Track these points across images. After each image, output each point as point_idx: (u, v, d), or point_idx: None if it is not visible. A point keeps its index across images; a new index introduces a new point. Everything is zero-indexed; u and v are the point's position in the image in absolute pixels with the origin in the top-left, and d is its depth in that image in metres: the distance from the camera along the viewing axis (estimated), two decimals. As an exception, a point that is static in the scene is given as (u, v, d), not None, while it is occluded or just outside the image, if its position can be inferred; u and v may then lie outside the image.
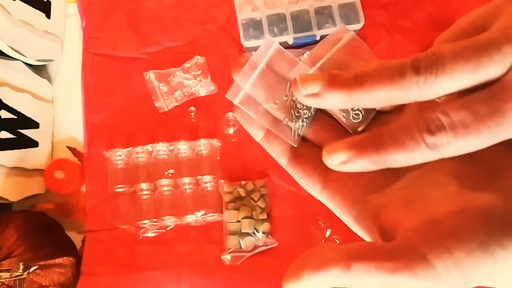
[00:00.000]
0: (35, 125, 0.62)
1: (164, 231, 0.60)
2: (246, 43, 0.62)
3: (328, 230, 0.59)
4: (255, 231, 0.58)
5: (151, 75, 0.64)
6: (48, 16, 0.65)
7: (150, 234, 0.60)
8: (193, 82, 0.64)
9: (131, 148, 0.61)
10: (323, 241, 0.58)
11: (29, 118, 0.61)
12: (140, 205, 0.60)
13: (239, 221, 0.58)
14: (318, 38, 0.62)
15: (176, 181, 0.61)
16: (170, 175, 0.61)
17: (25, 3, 0.61)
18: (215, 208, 0.60)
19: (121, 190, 0.61)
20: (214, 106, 0.64)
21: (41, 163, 0.62)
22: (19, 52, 0.59)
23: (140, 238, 0.60)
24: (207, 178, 0.61)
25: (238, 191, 0.59)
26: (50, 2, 0.66)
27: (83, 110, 0.65)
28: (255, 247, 0.58)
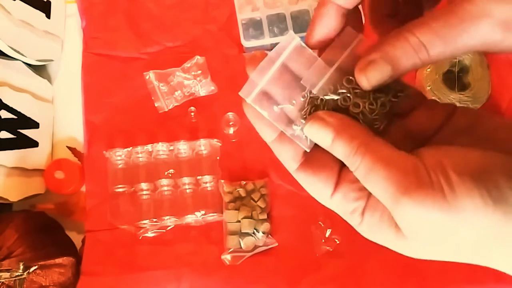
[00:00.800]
0: (35, 125, 0.62)
1: (164, 231, 0.60)
2: (246, 43, 0.62)
3: (328, 230, 0.59)
4: (255, 231, 0.58)
5: (151, 75, 0.64)
6: (48, 16, 0.65)
7: (150, 234, 0.60)
8: (193, 82, 0.64)
9: (131, 148, 0.61)
10: (323, 241, 0.58)
11: (29, 118, 0.61)
12: (140, 205, 0.60)
13: (239, 221, 0.58)
14: (318, 38, 0.62)
15: (176, 181, 0.61)
16: (170, 175, 0.61)
17: (25, 3, 0.61)
18: (215, 208, 0.60)
19: (121, 190, 0.61)
20: (214, 106, 0.64)
21: (41, 163, 0.62)
22: (19, 52, 0.59)
23: (140, 238, 0.60)
24: (207, 178, 0.61)
25: (238, 191, 0.59)
26: (50, 2, 0.66)
27: (83, 110, 0.65)
28: (255, 247, 0.58)
